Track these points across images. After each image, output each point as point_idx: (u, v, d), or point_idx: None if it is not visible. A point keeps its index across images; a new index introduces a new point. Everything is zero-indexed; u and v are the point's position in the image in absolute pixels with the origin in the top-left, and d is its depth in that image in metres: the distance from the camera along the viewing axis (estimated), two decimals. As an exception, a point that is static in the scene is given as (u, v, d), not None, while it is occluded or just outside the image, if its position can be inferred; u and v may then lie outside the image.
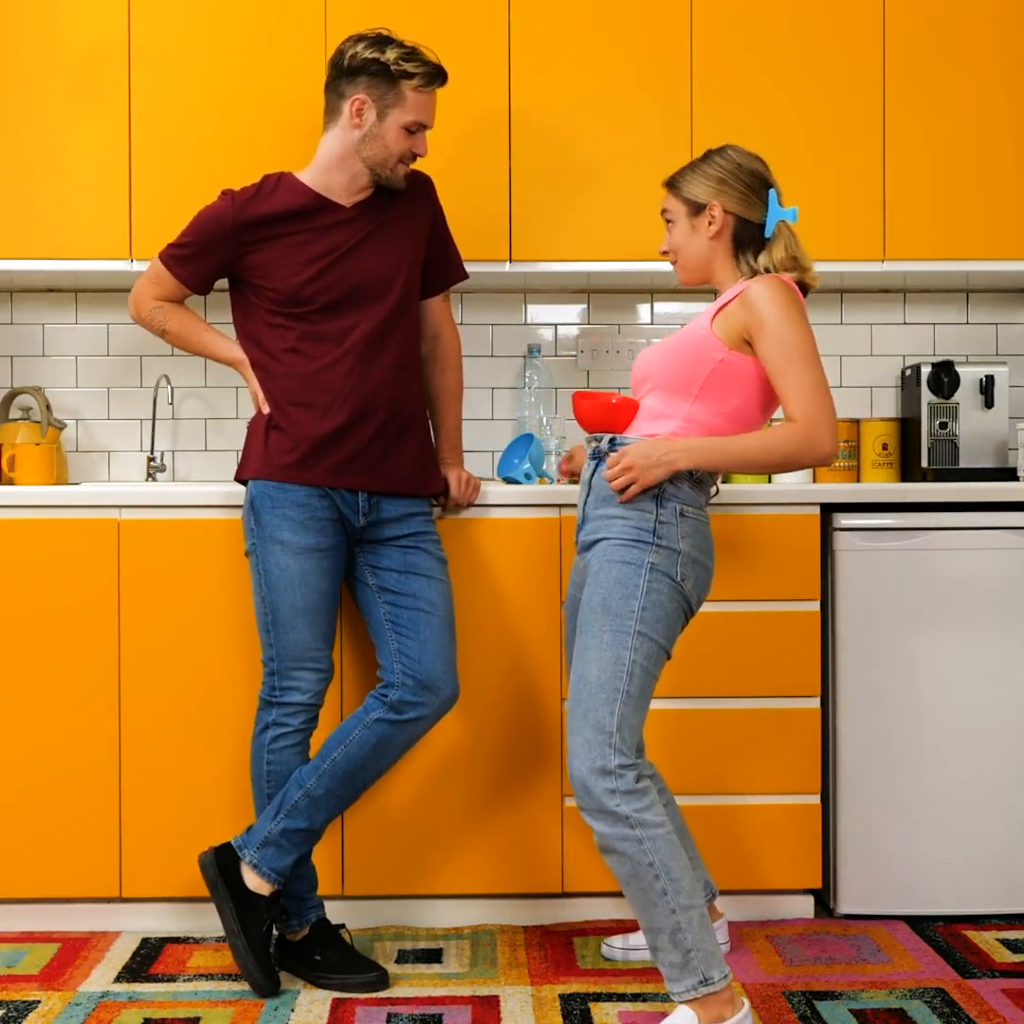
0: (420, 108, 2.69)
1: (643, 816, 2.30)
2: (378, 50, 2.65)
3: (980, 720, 3.00)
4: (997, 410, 3.46)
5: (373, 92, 2.66)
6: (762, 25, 3.28)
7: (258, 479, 2.72)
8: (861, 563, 3.00)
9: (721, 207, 2.50)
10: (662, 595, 2.36)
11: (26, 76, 3.23)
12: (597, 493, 2.47)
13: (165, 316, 2.84)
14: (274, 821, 2.65)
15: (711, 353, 2.44)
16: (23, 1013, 2.55)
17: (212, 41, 3.24)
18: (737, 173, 2.51)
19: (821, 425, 2.37)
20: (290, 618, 2.67)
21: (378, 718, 2.67)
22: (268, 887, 2.64)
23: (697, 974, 2.31)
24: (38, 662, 2.95)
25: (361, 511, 2.72)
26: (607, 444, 2.49)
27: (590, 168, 3.27)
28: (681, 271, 2.59)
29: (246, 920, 2.62)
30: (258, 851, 2.64)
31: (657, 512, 2.40)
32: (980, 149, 3.30)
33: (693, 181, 2.53)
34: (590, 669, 2.35)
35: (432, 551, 2.78)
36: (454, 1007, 2.57)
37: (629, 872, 2.31)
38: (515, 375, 3.63)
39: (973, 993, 2.62)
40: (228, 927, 2.62)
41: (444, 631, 2.73)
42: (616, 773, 2.30)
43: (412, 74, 2.65)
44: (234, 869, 2.65)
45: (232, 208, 2.72)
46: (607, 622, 2.35)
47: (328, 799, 2.66)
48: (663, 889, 2.30)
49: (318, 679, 2.70)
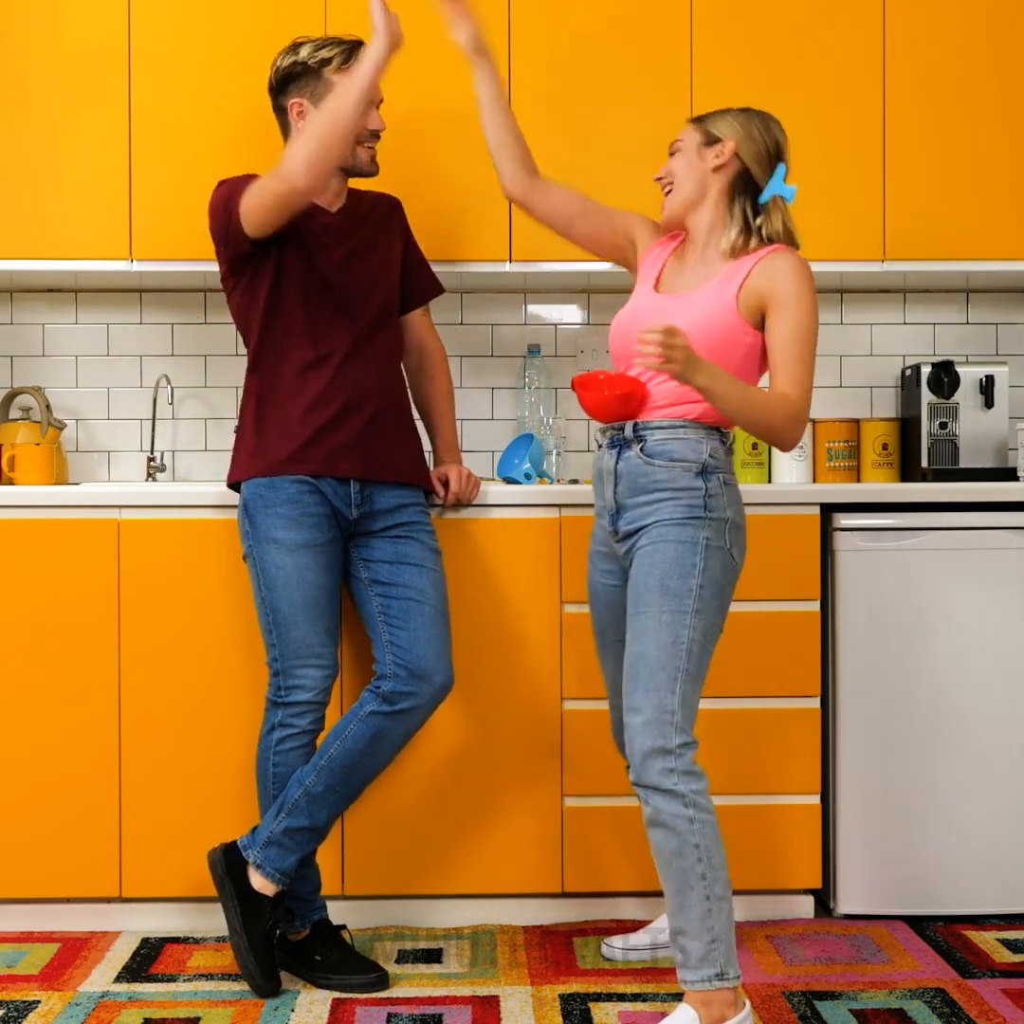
0: None
1: (698, 799, 2.33)
2: (292, 53, 2.76)
3: (980, 720, 3.00)
4: (997, 410, 3.45)
5: (304, 91, 2.74)
6: (762, 25, 3.28)
7: (250, 478, 2.72)
8: (861, 563, 3.00)
9: (735, 147, 2.53)
10: (715, 570, 2.40)
11: (26, 76, 3.23)
12: (630, 482, 2.48)
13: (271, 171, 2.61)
14: (276, 821, 2.65)
15: (742, 338, 2.47)
16: (23, 1013, 2.55)
17: (212, 41, 3.24)
18: (763, 132, 2.55)
19: (805, 412, 2.44)
20: (291, 616, 2.68)
21: (372, 711, 2.67)
22: (272, 887, 2.64)
23: (715, 966, 2.32)
24: (38, 662, 2.95)
25: (353, 503, 2.72)
26: (631, 431, 2.49)
27: (590, 168, 3.27)
28: (670, 200, 2.58)
29: (248, 920, 2.62)
30: (261, 851, 2.64)
31: (706, 486, 2.43)
32: (980, 149, 3.30)
33: (720, 118, 2.58)
34: (649, 649, 2.36)
35: (424, 541, 2.78)
36: (454, 1007, 2.57)
37: (674, 849, 2.32)
38: (515, 375, 3.63)
39: (973, 993, 2.62)
40: (231, 926, 2.63)
41: (436, 620, 2.73)
42: (676, 753, 2.33)
43: (329, 59, 2.71)
44: (241, 868, 2.65)
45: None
46: (665, 602, 2.37)
47: (328, 796, 2.66)
48: (703, 873, 2.31)
49: (323, 676, 2.70)
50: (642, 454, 2.46)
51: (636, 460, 2.47)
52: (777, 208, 2.54)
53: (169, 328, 3.61)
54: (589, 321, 3.67)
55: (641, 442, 2.47)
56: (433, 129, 3.24)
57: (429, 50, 3.21)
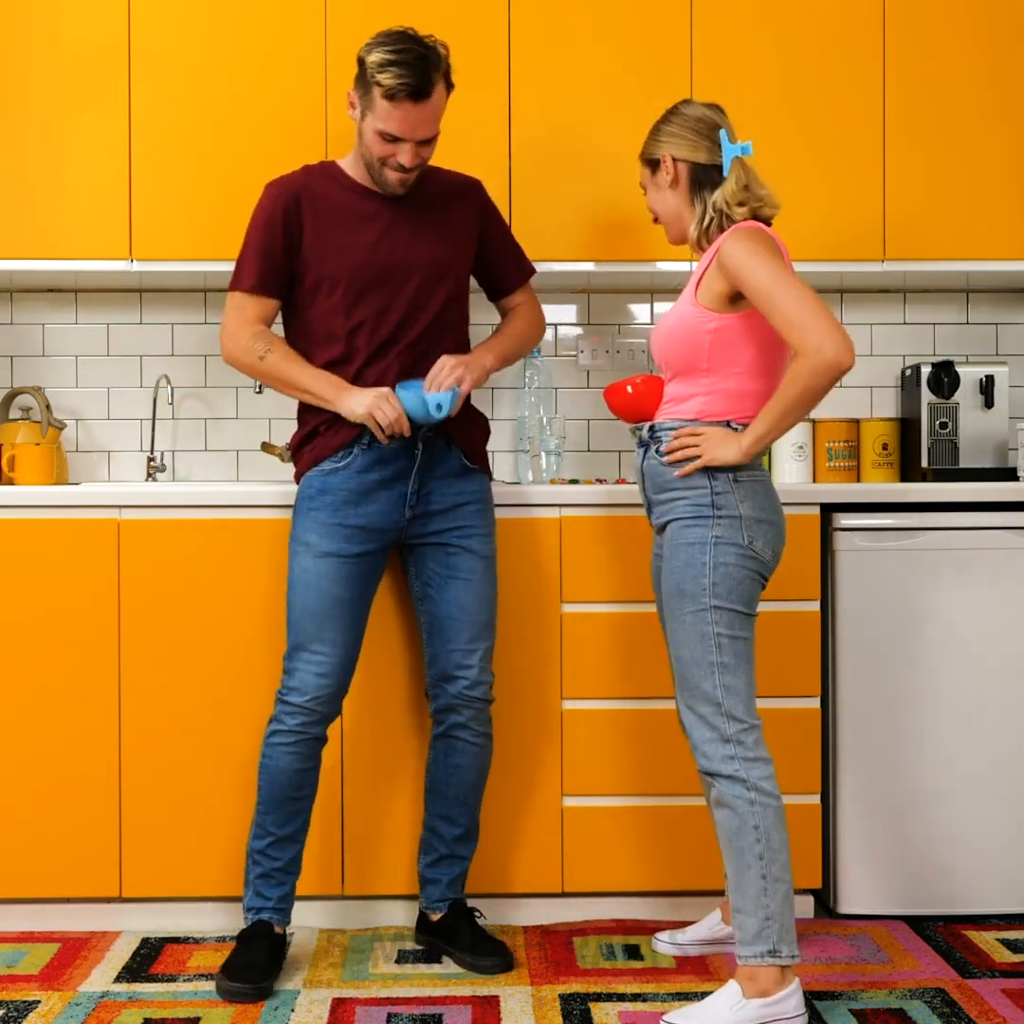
0: (388, 119, 2.58)
1: (760, 784, 2.43)
2: (368, 50, 2.60)
3: (980, 720, 3.00)
4: (997, 410, 3.45)
5: (358, 90, 2.65)
6: (762, 25, 3.28)
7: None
8: (861, 563, 3.00)
9: (671, 156, 2.57)
10: (729, 565, 2.45)
11: (26, 76, 3.23)
12: (652, 480, 2.57)
13: (268, 340, 2.71)
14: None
15: (704, 325, 2.49)
16: (23, 1013, 2.55)
17: (212, 41, 3.24)
18: (683, 123, 2.58)
19: (821, 340, 2.33)
20: (301, 619, 2.72)
21: (432, 735, 2.88)
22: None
23: (768, 943, 2.41)
24: (38, 662, 2.95)
25: (408, 502, 2.73)
26: (647, 432, 2.58)
27: (590, 168, 3.27)
28: (666, 230, 2.67)
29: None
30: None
31: (711, 485, 2.48)
32: (980, 149, 3.30)
33: (648, 142, 2.64)
34: (683, 651, 2.49)
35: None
36: (454, 1007, 2.57)
37: (734, 828, 2.43)
38: (515, 375, 3.63)
39: (973, 993, 2.62)
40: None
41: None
42: (734, 740, 2.44)
43: (381, 84, 2.55)
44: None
45: (277, 193, 2.71)
46: (685, 604, 2.47)
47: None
48: (760, 853, 2.42)
49: (318, 684, 2.68)
50: (656, 455, 2.55)
51: (653, 460, 2.56)
52: (733, 171, 2.53)
53: (169, 328, 3.61)
54: (589, 321, 3.67)
55: (657, 443, 2.56)
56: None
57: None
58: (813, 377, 2.35)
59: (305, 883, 2.91)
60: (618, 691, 2.99)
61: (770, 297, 2.38)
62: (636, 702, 2.99)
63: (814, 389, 2.37)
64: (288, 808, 2.72)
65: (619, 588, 2.98)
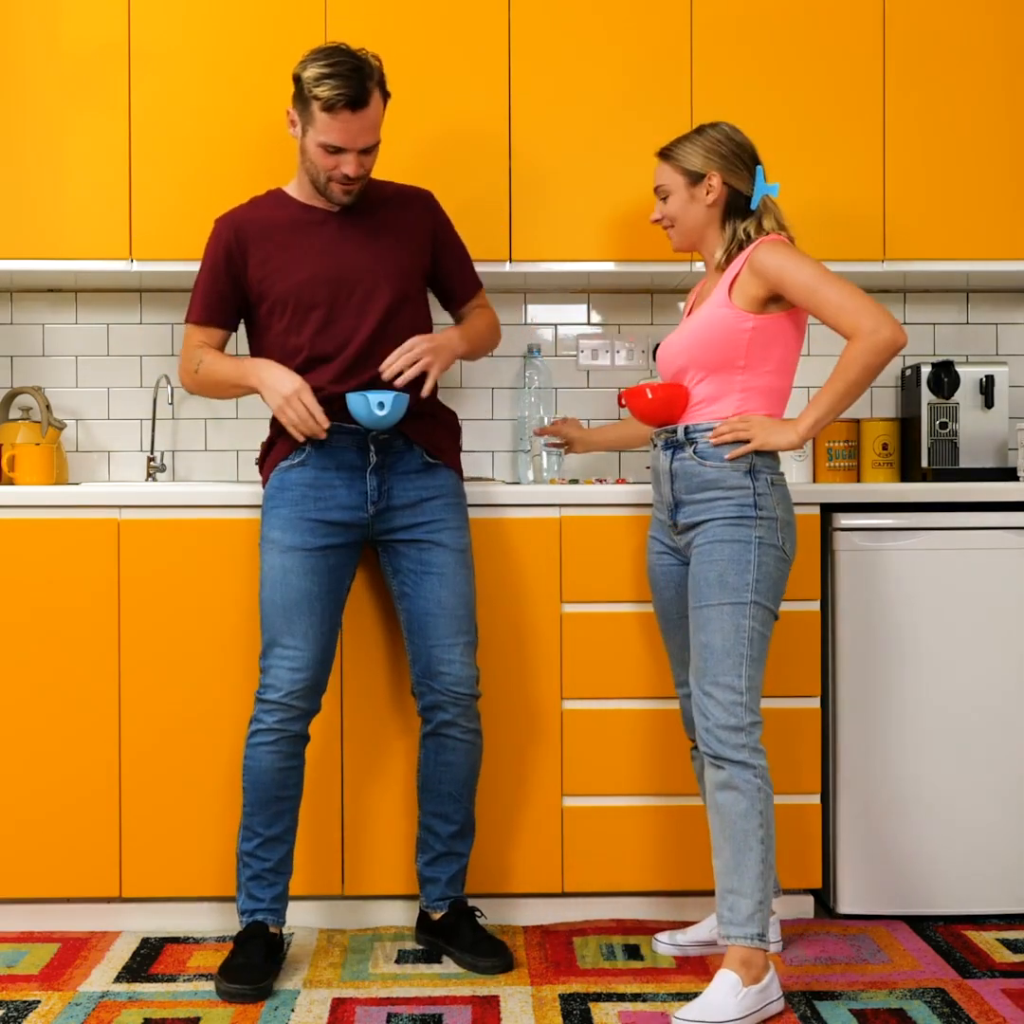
0: (330, 130, 2.62)
1: (766, 774, 2.53)
2: (303, 66, 2.66)
3: (980, 720, 3.00)
4: (997, 410, 3.45)
5: (297, 107, 2.69)
6: (762, 24, 3.28)
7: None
8: (861, 563, 3.00)
9: (721, 178, 2.63)
10: (770, 565, 2.56)
11: (26, 76, 3.23)
12: (685, 480, 2.62)
13: (202, 352, 2.80)
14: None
15: (741, 324, 2.58)
16: (23, 1013, 2.55)
17: (212, 41, 3.24)
18: (736, 149, 2.65)
19: (876, 322, 2.51)
20: (271, 615, 2.74)
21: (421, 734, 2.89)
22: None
23: (759, 927, 2.49)
24: (38, 662, 2.95)
25: (369, 498, 2.74)
26: (683, 434, 2.63)
27: (590, 168, 3.27)
28: (676, 236, 2.73)
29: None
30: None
31: (753, 486, 2.57)
32: (980, 149, 3.30)
33: (692, 152, 2.66)
34: (714, 639, 2.55)
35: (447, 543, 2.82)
36: (454, 1007, 2.57)
37: (741, 811, 2.50)
38: (515, 375, 3.63)
39: (973, 993, 2.62)
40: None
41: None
42: (747, 730, 2.53)
43: (319, 97, 2.59)
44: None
45: (219, 231, 2.78)
46: (725, 595, 2.54)
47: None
48: (762, 838, 2.50)
49: (293, 679, 2.69)
50: (695, 455, 2.61)
51: (690, 461, 2.62)
52: (769, 209, 2.66)
53: (169, 328, 3.61)
54: (589, 321, 3.67)
55: (693, 444, 2.61)
56: (433, 129, 3.24)
57: (430, 54, 3.22)
58: (874, 355, 2.50)
59: (305, 883, 2.91)
60: (618, 691, 2.99)
61: (817, 292, 2.53)
62: (636, 702, 2.99)
63: (874, 367, 2.52)
64: (274, 808, 2.73)
65: (619, 588, 2.98)
